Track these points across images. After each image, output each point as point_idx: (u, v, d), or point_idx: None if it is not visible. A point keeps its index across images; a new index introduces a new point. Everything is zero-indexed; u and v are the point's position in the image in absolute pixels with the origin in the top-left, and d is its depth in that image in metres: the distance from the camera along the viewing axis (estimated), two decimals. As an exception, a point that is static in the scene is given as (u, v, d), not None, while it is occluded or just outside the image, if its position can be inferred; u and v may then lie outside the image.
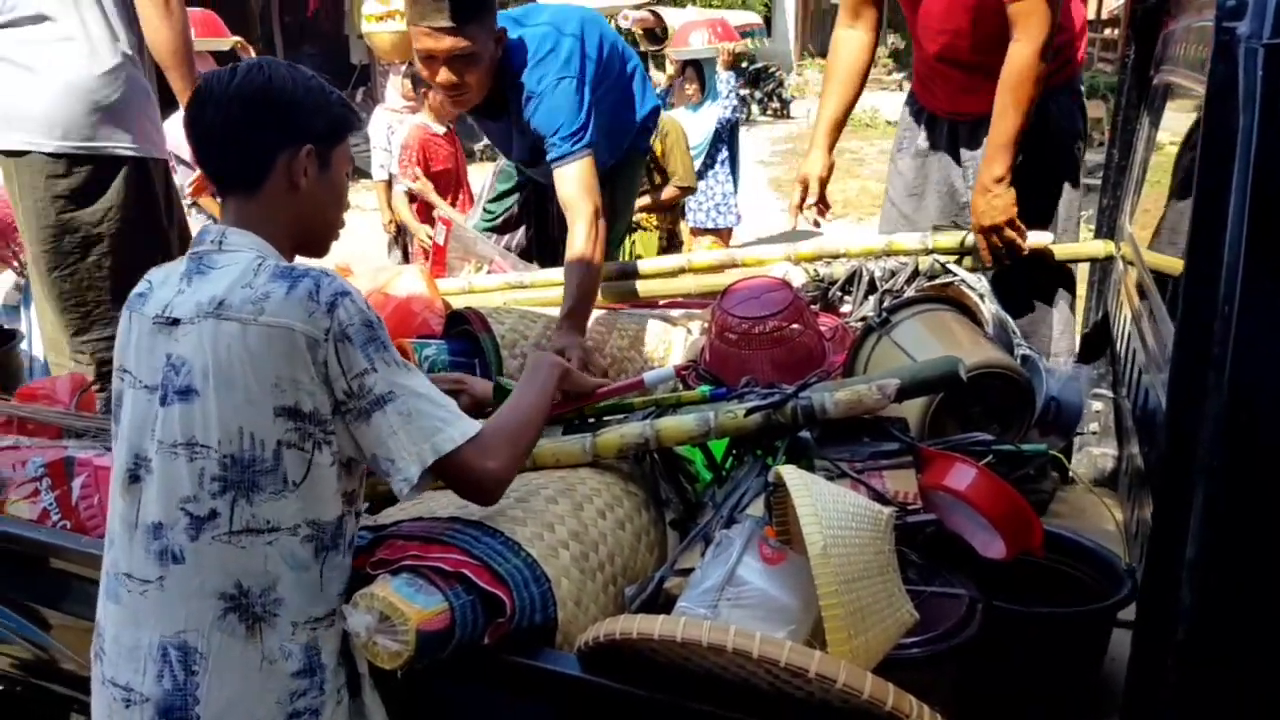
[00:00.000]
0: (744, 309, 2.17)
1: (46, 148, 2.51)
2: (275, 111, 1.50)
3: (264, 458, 1.39)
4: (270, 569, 1.40)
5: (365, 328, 1.42)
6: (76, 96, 2.49)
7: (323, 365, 1.39)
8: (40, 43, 2.50)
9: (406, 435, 1.43)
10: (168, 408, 1.42)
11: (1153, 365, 1.88)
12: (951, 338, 2.05)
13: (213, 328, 1.40)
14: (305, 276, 1.42)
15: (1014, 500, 1.58)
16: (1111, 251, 2.67)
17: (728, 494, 1.71)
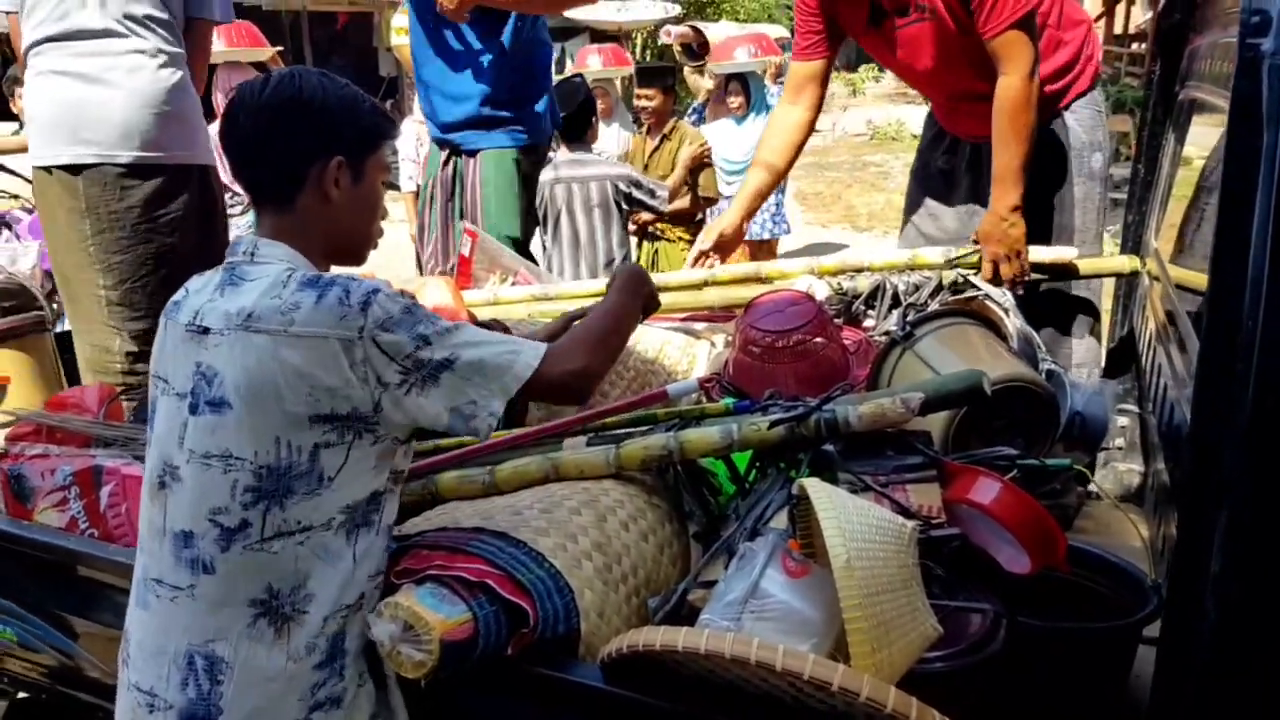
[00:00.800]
0: (768, 322, 2.17)
1: (121, 159, 2.56)
2: (306, 121, 1.50)
3: (299, 462, 1.39)
4: (300, 567, 1.41)
5: (404, 314, 1.42)
6: (150, 107, 2.56)
7: (363, 364, 1.39)
8: (108, 55, 2.55)
9: (481, 378, 1.46)
10: (198, 417, 1.42)
11: (1178, 381, 1.87)
12: (976, 352, 2.04)
13: (243, 341, 1.40)
14: (334, 284, 1.42)
15: (1038, 514, 1.57)
16: (1137, 267, 2.66)
17: (751, 507, 1.70)
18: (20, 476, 1.99)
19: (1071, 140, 2.70)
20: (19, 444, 2.04)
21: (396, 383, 1.41)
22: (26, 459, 2.01)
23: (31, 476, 1.99)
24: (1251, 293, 1.04)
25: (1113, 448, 2.21)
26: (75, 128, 2.55)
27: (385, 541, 1.49)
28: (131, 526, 1.90)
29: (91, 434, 2.06)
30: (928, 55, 2.68)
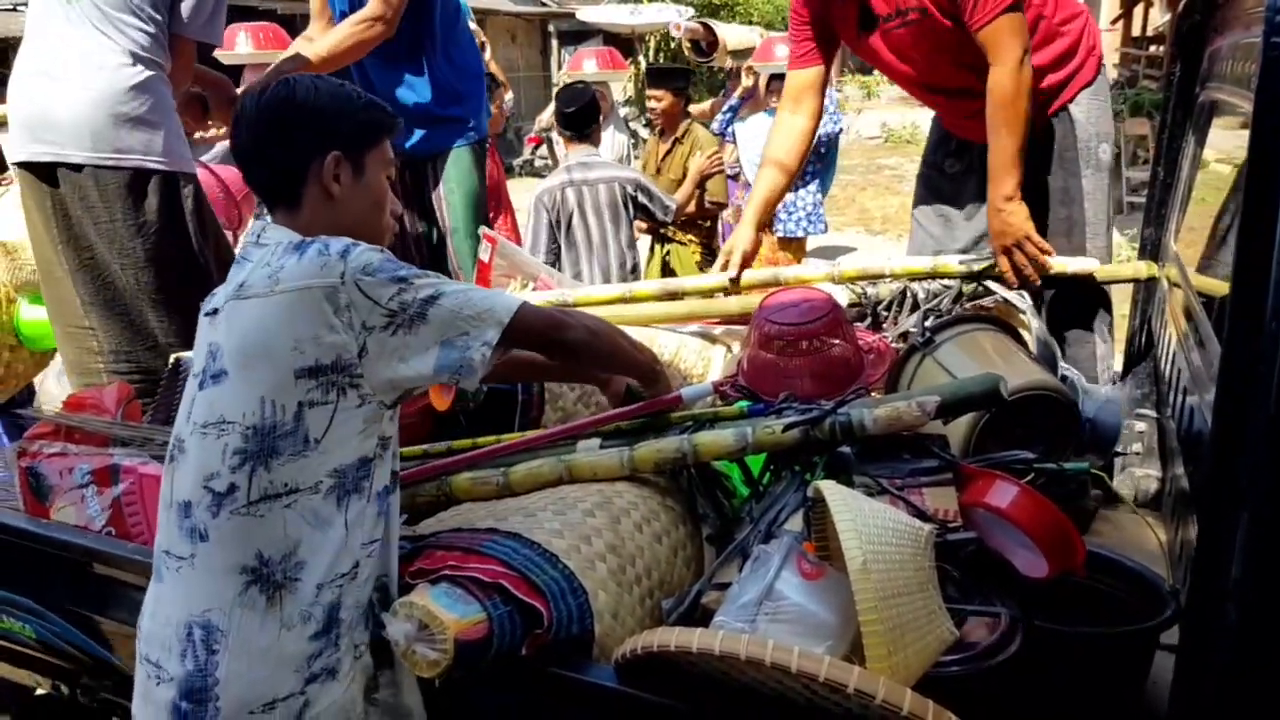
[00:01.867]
0: (783, 317, 2.17)
1: (74, 158, 2.52)
2: (300, 122, 1.56)
3: (284, 421, 1.42)
4: (290, 533, 1.42)
5: (385, 263, 1.46)
6: (105, 108, 2.50)
7: (347, 310, 1.42)
8: (73, 54, 2.52)
9: (471, 309, 1.48)
10: (203, 391, 1.48)
11: (1198, 385, 1.85)
12: (995, 357, 2.03)
13: (237, 310, 1.46)
14: (314, 241, 1.47)
15: (1056, 518, 1.56)
16: (1155, 272, 2.64)
17: (765, 509, 1.70)
18: (39, 475, 2.01)
19: (1078, 132, 2.69)
20: (38, 442, 2.05)
21: (382, 325, 1.44)
22: (45, 457, 2.02)
23: (50, 475, 2.00)
24: (1274, 296, 1.03)
25: (1130, 453, 2.19)
26: (35, 126, 2.54)
27: (377, 509, 1.50)
28: (148, 525, 1.91)
29: (109, 434, 2.07)
30: (920, 56, 2.68)
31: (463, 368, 1.48)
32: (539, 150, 13.28)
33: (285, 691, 1.42)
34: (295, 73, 2.80)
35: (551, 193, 4.08)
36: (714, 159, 4.86)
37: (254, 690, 1.41)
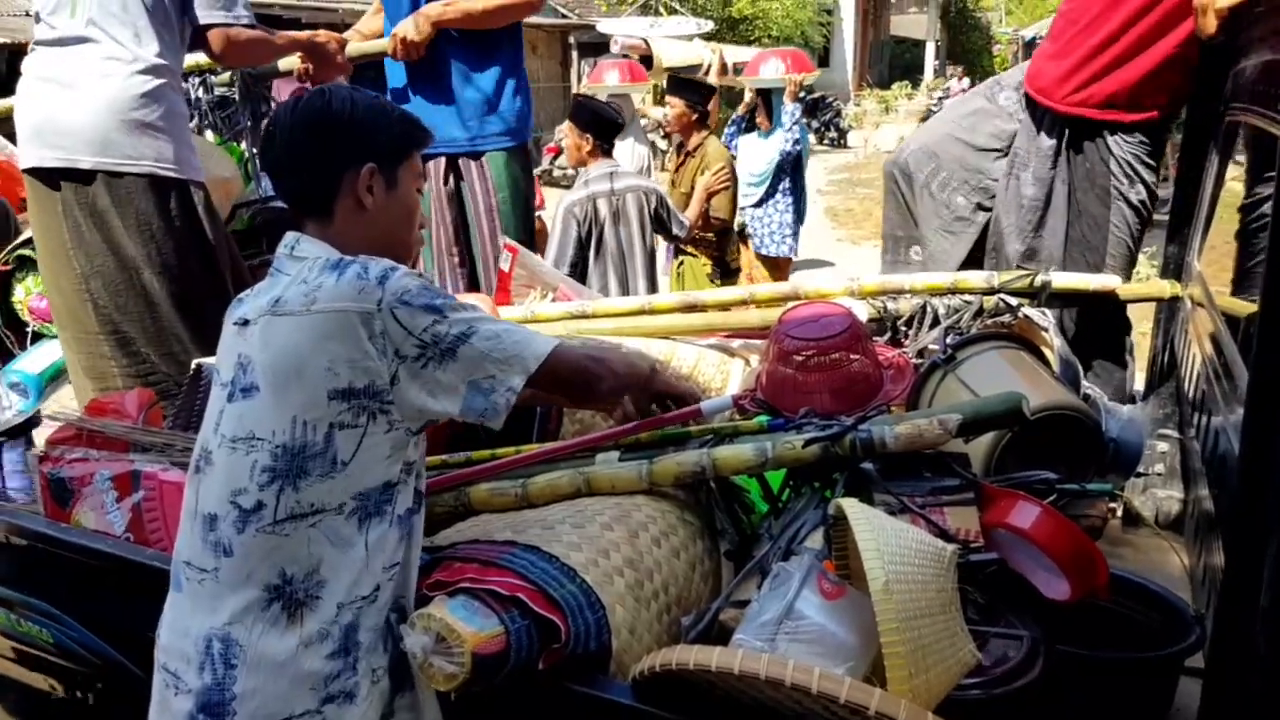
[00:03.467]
0: (803, 331, 2.16)
1: (84, 164, 2.53)
2: (336, 133, 1.56)
3: (315, 442, 1.42)
4: (313, 550, 1.42)
5: (423, 290, 1.46)
6: (115, 114, 2.52)
7: (381, 336, 1.43)
8: (83, 60, 2.54)
9: (500, 352, 1.48)
10: (233, 403, 1.47)
11: (1223, 407, 1.84)
12: (1018, 376, 2.02)
13: (271, 325, 1.45)
14: (354, 262, 1.47)
15: (1079, 540, 1.55)
16: (1178, 291, 2.62)
17: (785, 526, 1.69)
18: (60, 480, 2.02)
19: (1112, 168, 2.67)
20: (60, 447, 2.06)
21: (414, 356, 1.44)
22: (67, 462, 2.03)
23: (71, 480, 2.01)
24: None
25: (1152, 474, 2.17)
26: (45, 132, 2.55)
27: (399, 532, 1.50)
28: (167, 531, 1.92)
29: (130, 439, 2.08)
30: None
31: (487, 411, 1.49)
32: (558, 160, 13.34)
33: (301, 709, 1.41)
34: (442, 21, 2.96)
35: (583, 204, 4.09)
36: (720, 176, 4.92)
37: (270, 706, 1.41)
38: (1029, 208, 2.81)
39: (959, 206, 3.01)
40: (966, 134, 3.03)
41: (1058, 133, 2.76)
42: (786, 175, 5.51)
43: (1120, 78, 2.63)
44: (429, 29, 3.07)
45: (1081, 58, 2.67)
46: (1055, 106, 2.74)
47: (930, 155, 3.09)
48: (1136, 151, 2.67)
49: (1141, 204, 2.70)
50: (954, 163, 3.03)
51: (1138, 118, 2.65)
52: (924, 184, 3.07)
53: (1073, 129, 2.73)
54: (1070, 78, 2.70)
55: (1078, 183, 2.74)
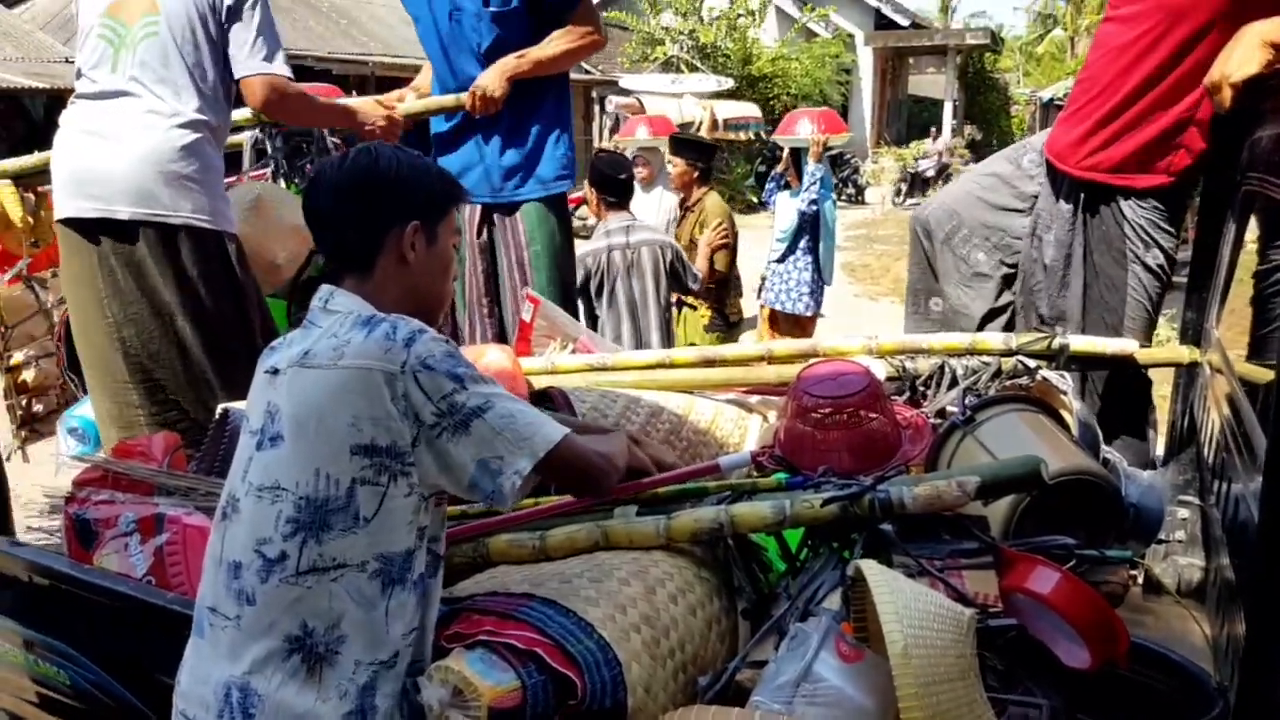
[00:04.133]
0: (822, 389, 2.17)
1: (121, 214, 2.58)
2: (382, 192, 1.60)
3: (337, 496, 1.44)
4: (335, 605, 1.43)
5: (446, 357, 1.48)
6: (155, 165, 2.58)
7: (403, 398, 1.45)
8: (124, 114, 2.61)
9: (512, 433, 1.50)
10: (261, 452, 1.50)
11: (1242, 474, 1.83)
12: (1037, 439, 2.02)
13: (299, 377, 1.49)
14: (383, 321, 1.50)
15: (1100, 607, 1.54)
16: (1197, 357, 2.63)
17: (803, 586, 1.69)
18: (85, 521, 2.03)
19: (1127, 231, 2.69)
20: (86, 489, 2.08)
21: (430, 424, 1.46)
22: (93, 504, 2.05)
23: (96, 521, 2.03)
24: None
25: (1173, 541, 2.16)
26: (84, 182, 2.60)
27: (416, 598, 1.51)
28: (189, 575, 1.93)
29: (155, 482, 2.10)
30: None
31: (494, 494, 1.52)
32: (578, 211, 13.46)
33: None
34: (518, 74, 3.03)
35: (596, 255, 4.16)
36: (720, 231, 5.05)
37: None
38: (1052, 270, 2.83)
39: (978, 262, 3.04)
40: (988, 193, 3.07)
41: (1075, 197, 2.79)
42: (806, 234, 5.58)
43: (1131, 142, 2.66)
44: (507, 84, 3.12)
45: (1095, 123, 2.71)
46: (1070, 171, 2.78)
47: (951, 213, 3.13)
48: (1151, 216, 2.69)
49: (1159, 268, 2.71)
50: (975, 220, 3.06)
51: (1150, 182, 2.67)
52: (944, 240, 3.10)
53: (1088, 193, 2.76)
54: (1084, 143, 2.74)
55: (1094, 245, 2.76)
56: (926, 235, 3.17)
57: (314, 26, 16.34)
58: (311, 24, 16.37)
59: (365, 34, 17.40)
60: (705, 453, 2.37)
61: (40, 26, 14.74)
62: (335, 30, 16.77)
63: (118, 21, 2.66)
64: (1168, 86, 2.59)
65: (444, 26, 3.24)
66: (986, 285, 3.06)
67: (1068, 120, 2.83)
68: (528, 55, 3.16)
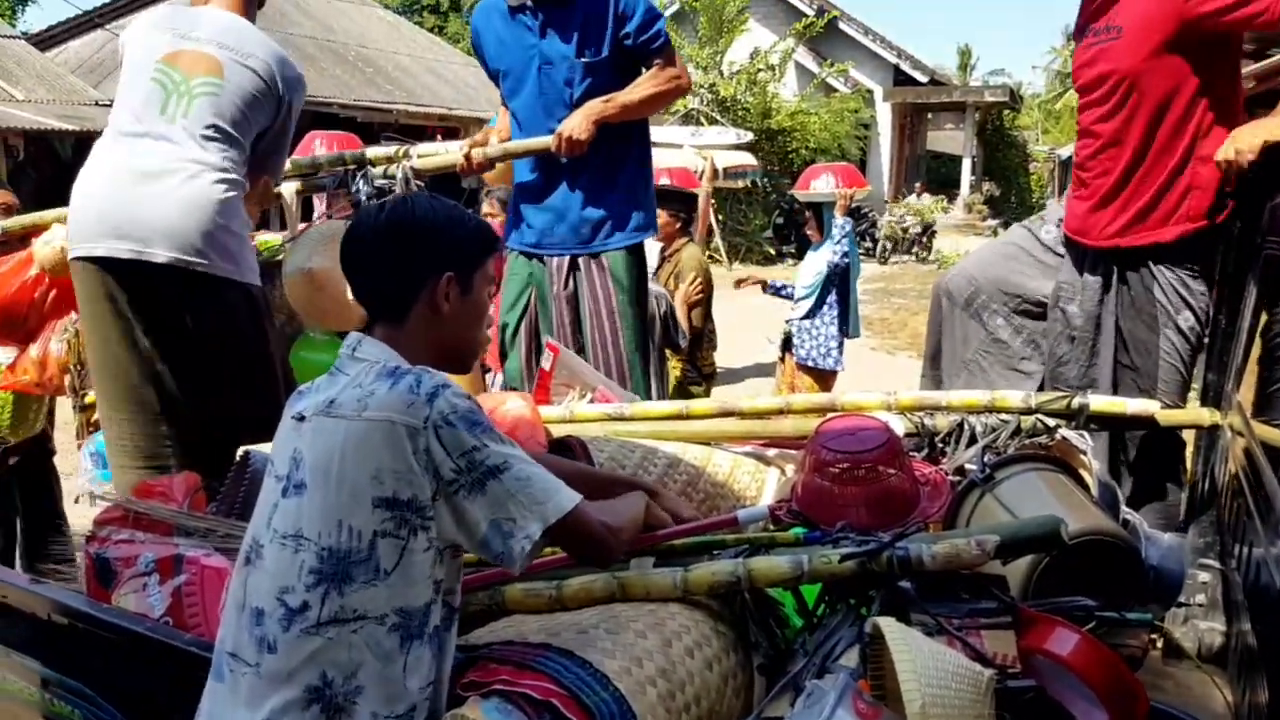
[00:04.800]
0: (840, 444, 2.17)
1: (158, 258, 2.58)
2: (418, 242, 1.63)
3: (359, 548, 1.45)
4: (354, 656, 1.44)
5: (468, 414, 1.50)
6: (196, 214, 2.60)
7: (424, 453, 1.46)
8: (169, 159, 2.64)
9: (526, 496, 1.51)
10: (286, 499, 1.51)
11: (1263, 539, 1.83)
12: (1056, 499, 2.02)
13: (323, 425, 1.50)
14: (408, 373, 1.51)
15: (1119, 670, 1.53)
16: (1218, 420, 2.62)
17: (820, 642, 1.69)
18: (105, 560, 2.04)
19: (1157, 295, 2.71)
20: (107, 528, 2.10)
21: (448, 480, 1.48)
22: (113, 543, 2.06)
23: (115, 561, 2.04)
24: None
25: (1193, 604, 2.14)
26: (121, 223, 2.60)
27: (432, 652, 1.51)
28: (206, 617, 1.93)
29: (176, 523, 2.11)
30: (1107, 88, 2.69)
31: (503, 556, 1.53)
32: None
33: None
34: (604, 118, 3.06)
35: None
36: (697, 286, 5.14)
37: None
38: (1081, 339, 2.85)
39: (997, 328, 3.05)
40: (1008, 261, 3.12)
41: (1102, 268, 2.82)
42: (834, 288, 5.58)
43: (1145, 197, 2.70)
44: (594, 127, 3.12)
45: (1106, 194, 2.75)
46: (1095, 244, 2.81)
47: (970, 280, 3.16)
48: (1181, 275, 2.72)
49: (1190, 330, 2.73)
50: (993, 287, 3.10)
51: (1176, 232, 2.70)
52: (964, 305, 3.12)
53: (1118, 262, 2.78)
54: (1101, 214, 2.77)
55: (1124, 313, 2.79)
56: (949, 300, 3.19)
57: (340, 75, 16.63)
58: (338, 72, 16.66)
59: (390, 83, 17.68)
60: (722, 505, 2.37)
61: (72, 70, 15.06)
62: (361, 79, 17.05)
63: (175, 70, 2.71)
64: (1164, 138, 2.67)
65: (533, 79, 3.24)
66: (1004, 353, 3.07)
67: (1080, 197, 2.87)
68: (614, 99, 3.16)
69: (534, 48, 3.21)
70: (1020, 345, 3.05)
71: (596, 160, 3.22)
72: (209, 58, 2.73)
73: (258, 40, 2.82)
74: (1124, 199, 2.72)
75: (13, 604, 2.05)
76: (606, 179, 3.29)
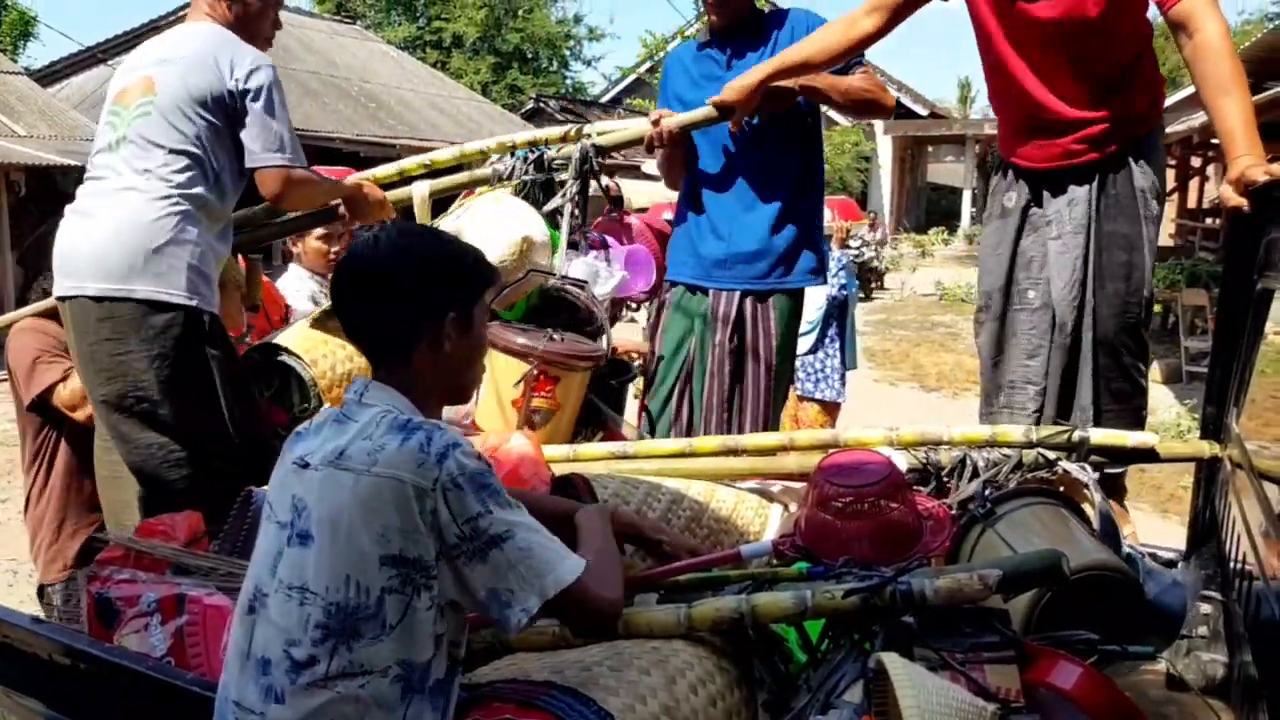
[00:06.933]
0: (843, 477, 2.18)
1: (89, 291, 2.56)
2: (421, 284, 1.60)
3: (367, 604, 1.43)
4: (359, 709, 1.43)
5: (476, 476, 1.48)
6: (124, 241, 2.55)
7: (430, 514, 1.45)
8: (104, 193, 2.62)
9: (526, 568, 1.48)
10: (291, 548, 1.50)
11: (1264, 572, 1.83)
12: (1057, 533, 2.02)
13: (330, 477, 1.48)
14: (419, 429, 1.49)
15: (1123, 703, 1.53)
16: (1218, 452, 2.63)
17: (824, 678, 1.68)
18: (107, 600, 2.05)
19: (1135, 182, 2.73)
20: (109, 568, 2.10)
21: (452, 544, 1.47)
22: (114, 583, 2.06)
23: (118, 600, 2.04)
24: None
25: (1195, 636, 2.14)
26: (64, 262, 2.61)
27: (433, 706, 1.50)
28: (207, 657, 1.93)
29: (178, 561, 2.11)
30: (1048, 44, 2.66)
31: (500, 623, 1.52)
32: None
33: None
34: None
35: None
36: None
37: None
38: (1065, 257, 2.82)
39: (1030, 301, 2.94)
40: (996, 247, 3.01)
41: (1087, 177, 2.80)
42: (835, 320, 5.60)
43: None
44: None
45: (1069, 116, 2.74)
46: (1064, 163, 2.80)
47: (985, 294, 3.04)
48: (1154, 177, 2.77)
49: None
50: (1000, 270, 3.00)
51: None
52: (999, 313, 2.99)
53: (1100, 168, 2.78)
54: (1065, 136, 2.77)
55: (1105, 212, 2.77)
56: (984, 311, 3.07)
57: (343, 110, 16.77)
58: (341, 107, 16.80)
59: (393, 117, 17.83)
60: (726, 540, 2.37)
61: (74, 105, 15.19)
62: (364, 114, 17.19)
63: (121, 106, 2.69)
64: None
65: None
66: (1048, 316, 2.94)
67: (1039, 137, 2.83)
68: (820, 76, 2.96)
69: (719, 79, 3.07)
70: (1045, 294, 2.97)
71: (779, 192, 3.07)
72: (145, 80, 2.67)
73: (200, 35, 2.71)
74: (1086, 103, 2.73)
75: (14, 644, 2.05)
76: (788, 212, 3.11)
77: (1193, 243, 15.55)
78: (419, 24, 29.66)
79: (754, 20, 3.15)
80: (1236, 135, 2.36)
